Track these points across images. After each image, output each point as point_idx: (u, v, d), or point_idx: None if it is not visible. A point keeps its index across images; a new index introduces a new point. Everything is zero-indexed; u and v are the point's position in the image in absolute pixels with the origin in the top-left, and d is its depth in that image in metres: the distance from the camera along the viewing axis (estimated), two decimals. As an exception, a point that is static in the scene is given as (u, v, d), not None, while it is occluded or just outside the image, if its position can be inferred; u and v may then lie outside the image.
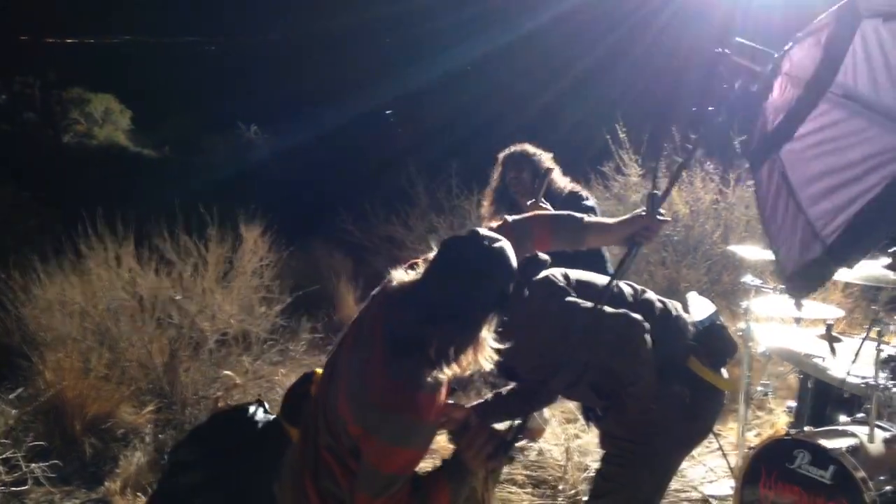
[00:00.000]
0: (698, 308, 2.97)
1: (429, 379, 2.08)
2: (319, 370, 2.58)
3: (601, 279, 2.88)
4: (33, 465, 4.21)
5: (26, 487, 4.16)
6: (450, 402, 2.83)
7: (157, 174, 14.02)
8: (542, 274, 2.80)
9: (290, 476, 2.35)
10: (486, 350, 2.12)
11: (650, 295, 2.87)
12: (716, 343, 2.82)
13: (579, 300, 2.68)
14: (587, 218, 2.73)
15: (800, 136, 2.09)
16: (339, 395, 2.15)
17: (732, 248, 4.90)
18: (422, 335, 2.07)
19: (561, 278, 2.78)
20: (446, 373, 2.10)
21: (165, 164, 15.96)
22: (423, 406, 2.07)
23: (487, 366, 2.13)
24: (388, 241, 8.69)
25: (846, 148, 2.01)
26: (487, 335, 2.11)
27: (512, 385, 3.08)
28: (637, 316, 2.59)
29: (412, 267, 2.23)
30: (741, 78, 2.27)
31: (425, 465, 2.58)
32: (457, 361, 2.08)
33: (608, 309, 2.63)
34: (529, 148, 4.56)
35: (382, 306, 2.20)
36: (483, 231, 2.22)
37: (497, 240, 2.18)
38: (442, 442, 3.85)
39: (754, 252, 4.64)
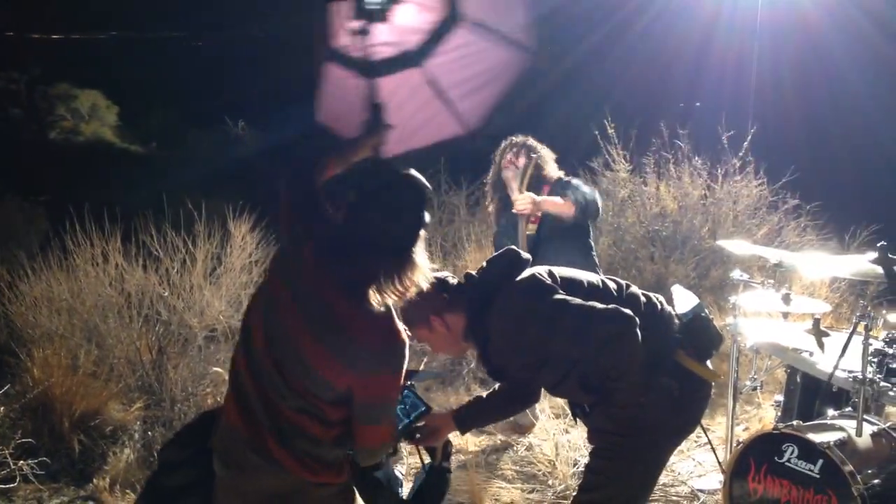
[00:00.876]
0: (682, 301, 2.99)
1: (392, 306, 2.29)
2: None
3: (586, 275, 2.89)
4: (21, 462, 4.19)
5: (14, 485, 4.14)
6: (434, 410, 2.85)
7: (145, 170, 13.95)
8: (527, 272, 2.80)
9: (240, 454, 2.34)
10: (424, 270, 2.30)
11: (634, 289, 2.89)
12: (701, 335, 2.85)
13: (568, 297, 2.68)
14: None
15: (442, 52, 2.72)
16: (311, 358, 2.23)
17: (720, 243, 4.91)
18: (372, 273, 2.22)
19: (547, 276, 2.78)
20: (397, 297, 2.28)
21: (152, 160, 15.90)
22: (400, 329, 2.28)
23: (425, 284, 2.31)
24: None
25: (479, 62, 2.74)
26: (421, 255, 2.30)
27: (494, 387, 3.09)
28: (627, 311, 2.60)
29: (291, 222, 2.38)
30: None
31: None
32: (403, 286, 2.25)
33: (598, 305, 2.63)
34: (534, 141, 4.72)
35: (317, 262, 2.28)
36: (383, 161, 2.47)
37: (403, 167, 2.40)
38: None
39: (742, 247, 4.66)
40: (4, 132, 15.28)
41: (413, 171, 2.37)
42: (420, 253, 2.29)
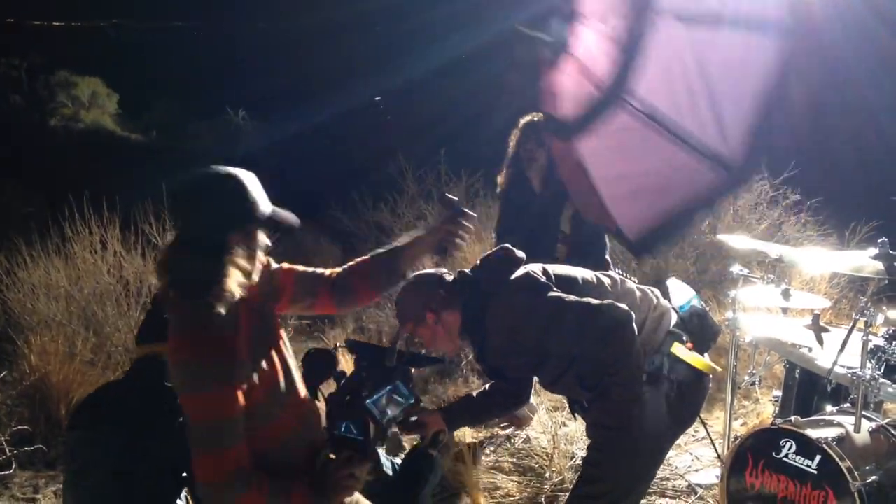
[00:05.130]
0: (678, 294, 2.99)
1: (197, 315, 2.00)
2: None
3: (580, 272, 2.88)
4: (17, 449, 4.19)
5: (10, 472, 4.14)
6: (423, 408, 2.81)
7: (145, 159, 13.94)
8: (521, 271, 2.79)
9: None
10: (238, 276, 2.05)
11: (630, 284, 2.90)
12: (698, 327, 2.85)
13: (563, 294, 2.68)
14: (397, 245, 2.57)
15: (596, 130, 2.16)
16: None
17: (721, 237, 4.89)
18: (170, 271, 2.06)
19: (541, 274, 2.78)
20: (215, 305, 1.99)
21: (152, 149, 15.89)
22: (190, 345, 1.99)
23: (238, 292, 2.03)
24: (377, 228, 8.68)
25: (644, 157, 2.12)
26: (237, 260, 2.07)
27: (485, 386, 3.08)
28: (623, 305, 2.60)
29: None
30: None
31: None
32: (215, 291, 1.99)
33: (593, 301, 2.63)
34: None
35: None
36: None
37: (224, 168, 2.18)
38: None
39: (742, 242, 4.63)
40: (4, 119, 15.26)
41: (219, 167, 2.17)
42: (234, 256, 2.06)
